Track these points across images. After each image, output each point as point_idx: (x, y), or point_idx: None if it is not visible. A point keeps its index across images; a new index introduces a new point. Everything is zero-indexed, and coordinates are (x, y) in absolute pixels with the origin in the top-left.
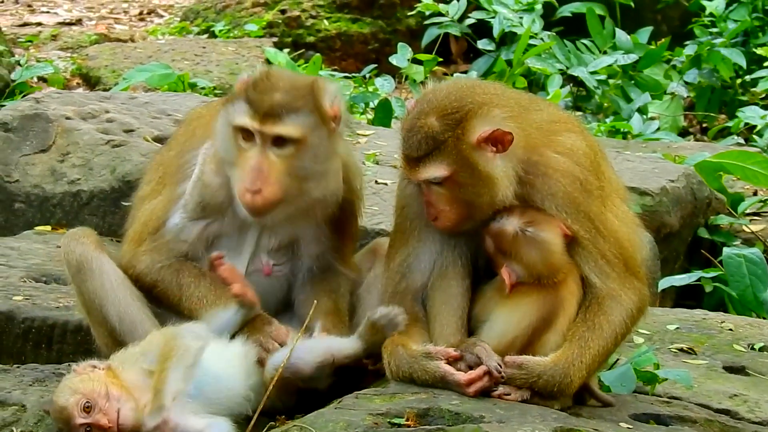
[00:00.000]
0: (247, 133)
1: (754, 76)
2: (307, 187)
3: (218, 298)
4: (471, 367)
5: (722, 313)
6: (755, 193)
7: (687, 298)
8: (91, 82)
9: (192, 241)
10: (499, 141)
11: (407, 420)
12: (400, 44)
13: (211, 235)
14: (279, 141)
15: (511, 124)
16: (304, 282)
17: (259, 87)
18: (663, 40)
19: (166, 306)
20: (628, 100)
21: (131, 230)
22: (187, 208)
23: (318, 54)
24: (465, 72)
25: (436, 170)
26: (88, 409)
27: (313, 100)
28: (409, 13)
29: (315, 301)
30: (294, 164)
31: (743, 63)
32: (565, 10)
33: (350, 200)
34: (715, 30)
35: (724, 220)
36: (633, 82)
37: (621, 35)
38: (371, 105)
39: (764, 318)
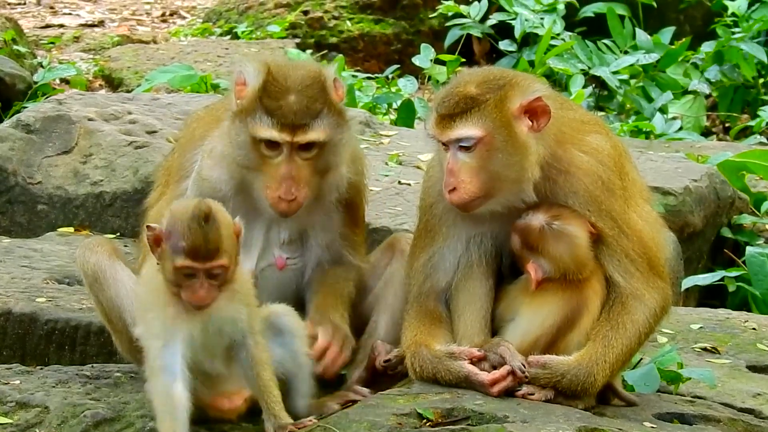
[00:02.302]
0: (272, 143)
1: None
2: (328, 177)
3: None
4: (495, 367)
5: (745, 312)
6: None
7: (710, 297)
8: (113, 83)
9: None
10: (539, 114)
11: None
12: (422, 45)
13: None
14: (306, 146)
15: (551, 103)
16: (313, 274)
17: (271, 92)
18: (684, 39)
19: None
20: (650, 100)
21: (142, 239)
22: None
23: (340, 55)
24: None
25: (470, 130)
26: None
27: (326, 96)
28: (432, 14)
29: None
30: (319, 163)
31: (764, 58)
32: (587, 11)
33: (356, 182)
34: (737, 30)
35: (747, 220)
36: (654, 82)
37: (641, 35)
38: (394, 106)
39: None
